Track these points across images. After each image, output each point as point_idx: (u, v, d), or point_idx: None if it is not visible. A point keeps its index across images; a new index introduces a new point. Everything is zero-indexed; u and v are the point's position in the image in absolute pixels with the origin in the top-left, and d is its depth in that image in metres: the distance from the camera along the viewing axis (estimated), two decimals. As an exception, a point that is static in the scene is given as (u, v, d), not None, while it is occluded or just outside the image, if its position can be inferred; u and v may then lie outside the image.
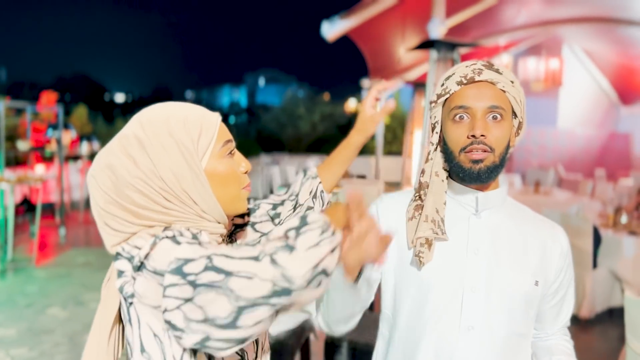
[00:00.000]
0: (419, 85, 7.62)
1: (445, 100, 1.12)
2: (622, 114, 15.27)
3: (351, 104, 17.34)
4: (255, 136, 27.26)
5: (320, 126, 23.06)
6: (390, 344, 1.19)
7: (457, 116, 1.08)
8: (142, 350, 0.83)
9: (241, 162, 0.95)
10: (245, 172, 0.96)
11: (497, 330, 1.09)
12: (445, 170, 1.15)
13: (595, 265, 4.45)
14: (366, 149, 21.06)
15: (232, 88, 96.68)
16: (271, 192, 13.65)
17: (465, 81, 1.08)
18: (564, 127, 14.94)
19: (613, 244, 4.47)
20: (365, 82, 11.61)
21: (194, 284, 0.71)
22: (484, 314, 1.08)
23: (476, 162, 1.06)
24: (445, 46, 3.59)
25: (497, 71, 1.08)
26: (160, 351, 0.82)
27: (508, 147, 1.09)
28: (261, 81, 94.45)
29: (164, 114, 0.89)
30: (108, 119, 25.97)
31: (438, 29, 7.79)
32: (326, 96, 26.06)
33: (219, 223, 0.92)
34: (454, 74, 1.11)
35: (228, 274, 0.71)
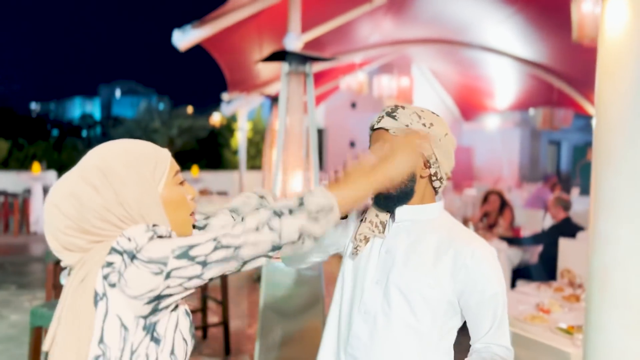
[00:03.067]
0: (275, 99, 7.49)
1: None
2: (464, 129, 16.68)
3: (215, 118, 16.81)
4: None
5: (178, 140, 22.10)
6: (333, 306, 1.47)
7: None
8: (100, 341, 0.88)
9: (189, 191, 1.06)
10: (192, 199, 1.07)
11: (393, 319, 1.29)
12: None
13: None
14: (229, 164, 20.58)
15: (84, 100, 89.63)
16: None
17: (371, 127, 1.37)
18: (415, 141, 15.87)
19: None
20: (225, 96, 11.25)
21: (204, 263, 0.88)
22: (381, 303, 1.30)
23: (376, 194, 1.32)
24: (297, 59, 3.42)
25: (393, 117, 1.30)
26: (122, 340, 0.89)
27: (410, 180, 1.30)
28: (117, 93, 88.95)
29: (121, 148, 0.99)
30: None
31: (294, 43, 7.74)
32: (189, 109, 24.98)
33: None
34: None
35: (237, 247, 0.90)
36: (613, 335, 1.34)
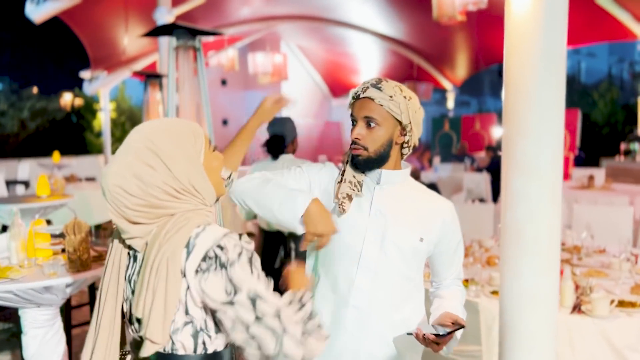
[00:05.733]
0: (151, 76, 7.10)
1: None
2: (333, 105, 17.22)
3: (67, 98, 15.12)
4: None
5: (31, 124, 19.97)
6: (317, 262, 1.61)
7: (352, 121, 1.52)
8: (186, 312, 1.11)
9: (219, 156, 1.26)
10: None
11: (391, 272, 1.49)
12: None
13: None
14: (93, 148, 19.09)
15: None
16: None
17: (354, 96, 1.51)
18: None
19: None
20: (86, 74, 10.40)
21: (258, 320, 1.05)
22: (378, 259, 1.48)
23: (356, 156, 1.49)
24: (186, 33, 3.28)
25: (379, 89, 1.46)
26: (202, 310, 1.11)
27: (388, 145, 1.48)
28: (-57, 72, 77.50)
29: (164, 128, 1.16)
30: None
31: (165, 17, 7.38)
32: (35, 90, 22.53)
33: (210, 206, 1.21)
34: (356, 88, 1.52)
35: (285, 333, 1.06)
36: (525, 279, 1.54)
